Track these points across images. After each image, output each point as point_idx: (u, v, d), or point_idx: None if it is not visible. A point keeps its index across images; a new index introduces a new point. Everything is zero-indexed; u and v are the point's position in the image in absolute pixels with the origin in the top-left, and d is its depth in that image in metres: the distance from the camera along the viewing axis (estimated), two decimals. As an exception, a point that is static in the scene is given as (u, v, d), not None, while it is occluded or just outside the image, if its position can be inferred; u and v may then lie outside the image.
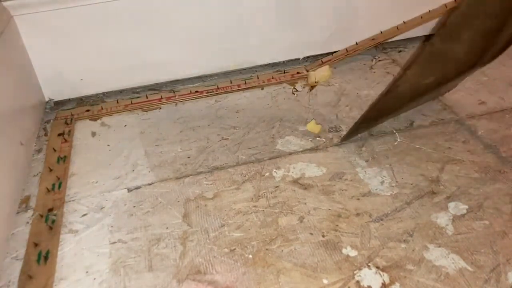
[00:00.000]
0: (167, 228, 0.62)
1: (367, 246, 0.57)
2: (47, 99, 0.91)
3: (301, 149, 0.75)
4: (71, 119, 0.86)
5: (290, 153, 0.74)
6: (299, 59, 1.02)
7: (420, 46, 1.05)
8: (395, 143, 0.75)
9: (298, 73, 0.97)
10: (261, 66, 1.00)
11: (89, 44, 0.87)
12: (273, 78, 0.95)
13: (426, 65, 0.64)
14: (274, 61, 1.01)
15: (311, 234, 0.59)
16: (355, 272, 0.54)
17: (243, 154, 0.75)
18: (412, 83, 0.66)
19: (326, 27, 0.98)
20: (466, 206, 0.62)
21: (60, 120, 0.86)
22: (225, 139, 0.79)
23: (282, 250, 0.57)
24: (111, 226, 0.63)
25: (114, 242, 0.60)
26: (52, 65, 0.87)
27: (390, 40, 1.00)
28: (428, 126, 0.79)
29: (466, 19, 0.59)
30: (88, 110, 0.89)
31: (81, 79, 0.91)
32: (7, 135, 0.69)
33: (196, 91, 0.92)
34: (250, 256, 0.57)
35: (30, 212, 0.66)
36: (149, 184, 0.70)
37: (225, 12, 0.90)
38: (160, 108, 0.89)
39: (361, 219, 0.61)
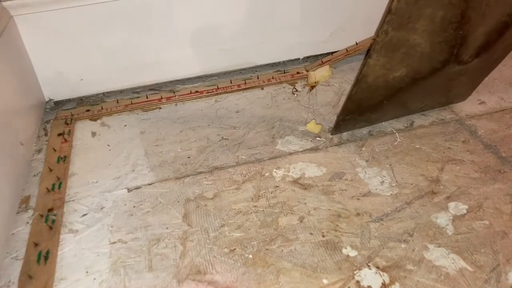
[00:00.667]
0: (167, 228, 0.62)
1: (367, 246, 0.57)
2: (47, 99, 0.91)
3: (301, 149, 0.75)
4: (71, 119, 0.86)
5: (290, 153, 0.74)
6: (299, 59, 1.02)
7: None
8: (395, 143, 0.75)
9: (298, 73, 0.97)
10: (261, 66, 1.00)
11: (89, 44, 0.87)
12: (273, 78, 0.95)
13: (388, 55, 0.63)
14: (274, 61, 1.01)
15: (311, 234, 0.59)
16: (355, 272, 0.54)
17: (243, 154, 0.75)
18: (380, 75, 0.65)
19: (326, 27, 0.98)
20: (466, 206, 0.62)
21: (60, 120, 0.86)
22: (225, 139, 0.79)
23: (282, 250, 0.57)
24: (111, 226, 0.63)
25: (114, 242, 0.60)
26: (52, 65, 0.87)
27: (390, 40, 1.00)
28: (428, 126, 0.79)
29: (413, 7, 0.58)
30: (88, 110, 0.89)
31: (81, 79, 0.91)
32: (7, 135, 0.69)
33: (196, 91, 0.92)
34: (250, 256, 0.57)
35: (30, 212, 0.66)
36: (149, 184, 0.70)
37: (225, 12, 0.90)
38: (160, 108, 0.89)
39: (361, 219, 0.61)
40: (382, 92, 0.70)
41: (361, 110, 0.73)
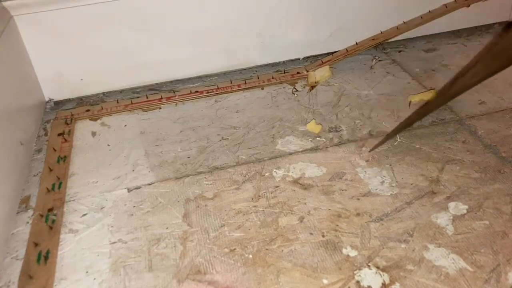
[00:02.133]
0: (167, 228, 0.62)
1: (367, 246, 0.57)
2: (47, 99, 0.91)
3: (301, 149, 0.75)
4: (71, 119, 0.86)
5: (290, 153, 0.74)
6: (299, 59, 1.02)
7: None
8: (395, 143, 0.75)
9: (298, 73, 0.97)
10: (261, 66, 1.00)
11: (89, 44, 0.87)
12: (273, 78, 0.95)
13: (487, 63, 0.59)
14: (274, 61, 1.01)
15: (311, 234, 0.59)
16: (355, 272, 0.54)
17: (243, 154, 0.75)
18: (463, 84, 0.62)
19: (326, 27, 0.98)
20: (466, 206, 0.62)
21: (60, 120, 0.86)
22: (225, 139, 0.79)
23: (282, 250, 0.57)
24: (111, 226, 0.63)
25: (114, 242, 0.60)
26: (52, 65, 0.87)
27: (390, 40, 1.00)
28: (428, 126, 0.79)
29: None
30: (88, 110, 0.89)
31: (81, 79, 0.91)
32: (7, 135, 0.69)
33: (196, 91, 0.92)
34: (250, 256, 0.57)
35: (30, 212, 0.66)
36: (149, 184, 0.70)
37: (225, 12, 0.90)
38: (160, 108, 0.89)
39: (361, 219, 0.61)
40: (444, 101, 0.67)
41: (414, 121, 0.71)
